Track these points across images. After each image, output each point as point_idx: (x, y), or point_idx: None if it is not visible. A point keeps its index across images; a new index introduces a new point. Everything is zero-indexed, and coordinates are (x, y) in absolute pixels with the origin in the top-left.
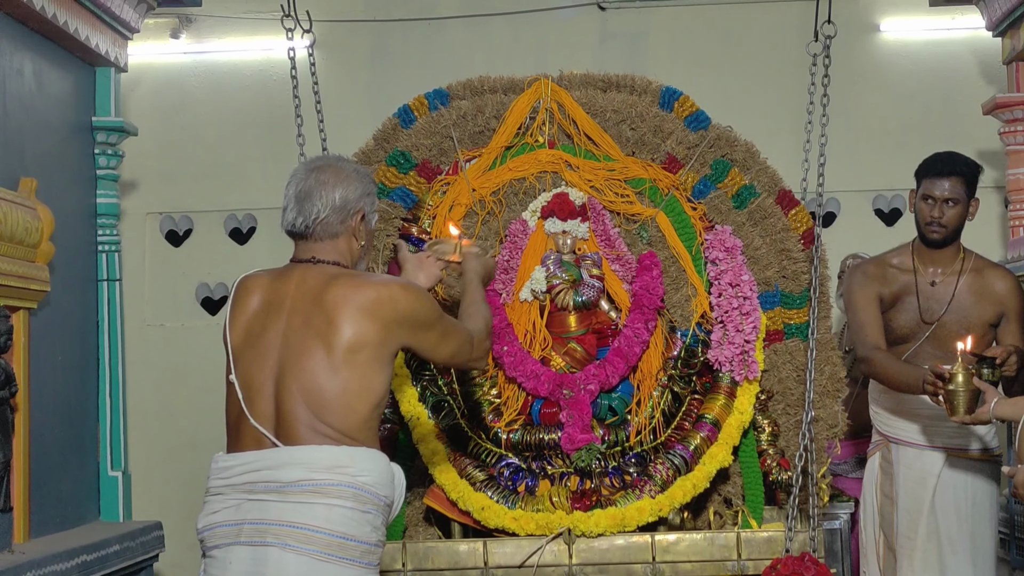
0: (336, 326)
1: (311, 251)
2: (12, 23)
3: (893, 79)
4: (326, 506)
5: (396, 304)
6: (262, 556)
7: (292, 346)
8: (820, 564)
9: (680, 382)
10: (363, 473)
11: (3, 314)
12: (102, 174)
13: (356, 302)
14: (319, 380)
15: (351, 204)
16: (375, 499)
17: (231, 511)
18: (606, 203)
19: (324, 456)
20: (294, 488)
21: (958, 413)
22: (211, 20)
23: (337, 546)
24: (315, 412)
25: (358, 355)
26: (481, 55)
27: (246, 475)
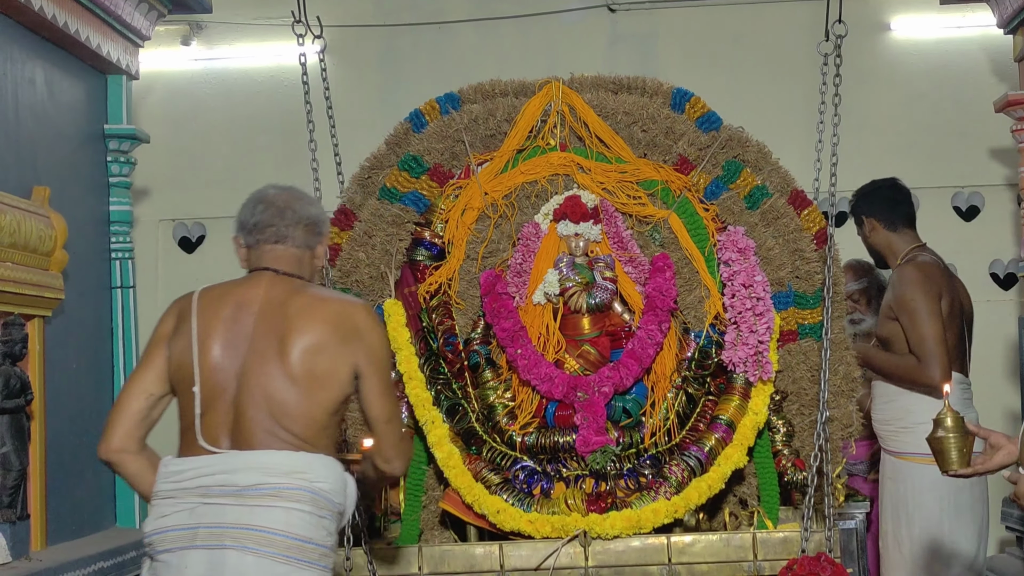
0: (299, 334)
1: (277, 261)
2: (23, 32)
3: (904, 78)
4: (285, 510)
5: (356, 320)
6: (220, 559)
7: (256, 352)
8: (836, 564)
9: (694, 383)
10: (320, 479)
11: (18, 322)
12: (115, 181)
13: (321, 313)
14: (280, 386)
15: (321, 225)
16: (330, 504)
17: (184, 515)
18: (618, 205)
19: (282, 461)
20: (252, 492)
21: (950, 465)
22: (222, 27)
23: (297, 549)
24: (275, 417)
25: (318, 364)
26: (491, 59)
27: (200, 479)
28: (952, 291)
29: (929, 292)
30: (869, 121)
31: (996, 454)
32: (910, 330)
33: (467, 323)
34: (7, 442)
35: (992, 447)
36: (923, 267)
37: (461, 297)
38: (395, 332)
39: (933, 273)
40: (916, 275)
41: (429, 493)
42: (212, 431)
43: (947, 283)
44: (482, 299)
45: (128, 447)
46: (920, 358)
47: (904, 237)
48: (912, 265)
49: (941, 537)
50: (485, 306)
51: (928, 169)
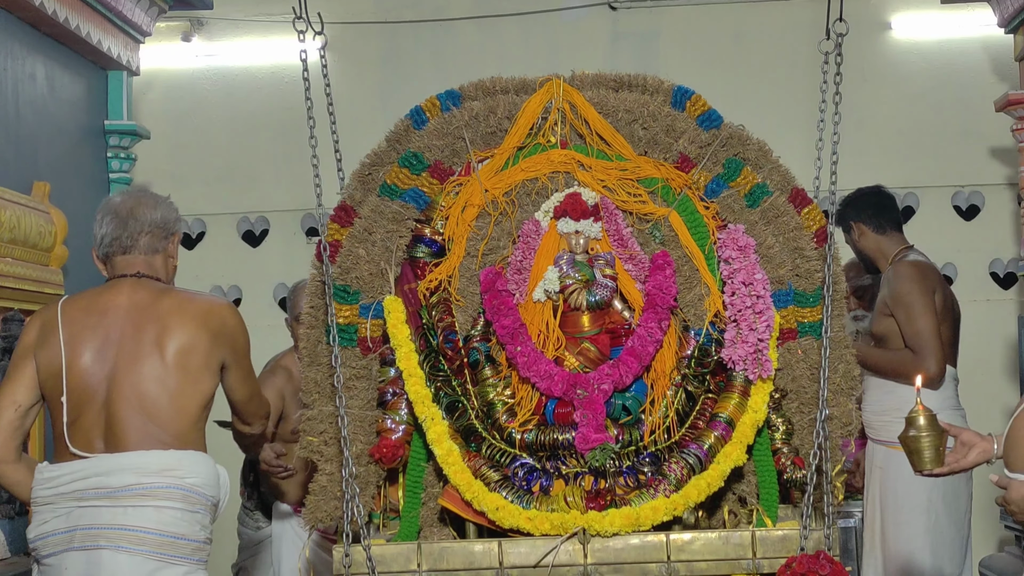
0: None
1: (134, 266)
2: (24, 27)
3: (905, 77)
4: (156, 508)
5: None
6: (96, 559)
7: (127, 354)
8: (835, 562)
9: (694, 381)
10: (190, 475)
11: (17, 318)
12: (115, 177)
13: (189, 312)
14: (153, 385)
15: (170, 225)
16: (202, 499)
17: (61, 519)
18: (619, 203)
19: (153, 461)
20: (125, 492)
21: (924, 464)
22: (222, 23)
23: (168, 545)
24: (148, 416)
25: (190, 360)
26: (492, 56)
27: (75, 483)
28: (944, 288)
29: (924, 287)
30: (870, 120)
31: (970, 452)
32: (906, 324)
33: (467, 320)
34: None
35: (964, 444)
36: (917, 264)
37: (461, 294)
38: (395, 329)
39: (927, 269)
40: (911, 271)
41: (428, 490)
42: (84, 436)
43: (939, 280)
44: (482, 296)
45: (4, 457)
46: (916, 351)
47: (892, 239)
48: (906, 262)
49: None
50: (485, 303)
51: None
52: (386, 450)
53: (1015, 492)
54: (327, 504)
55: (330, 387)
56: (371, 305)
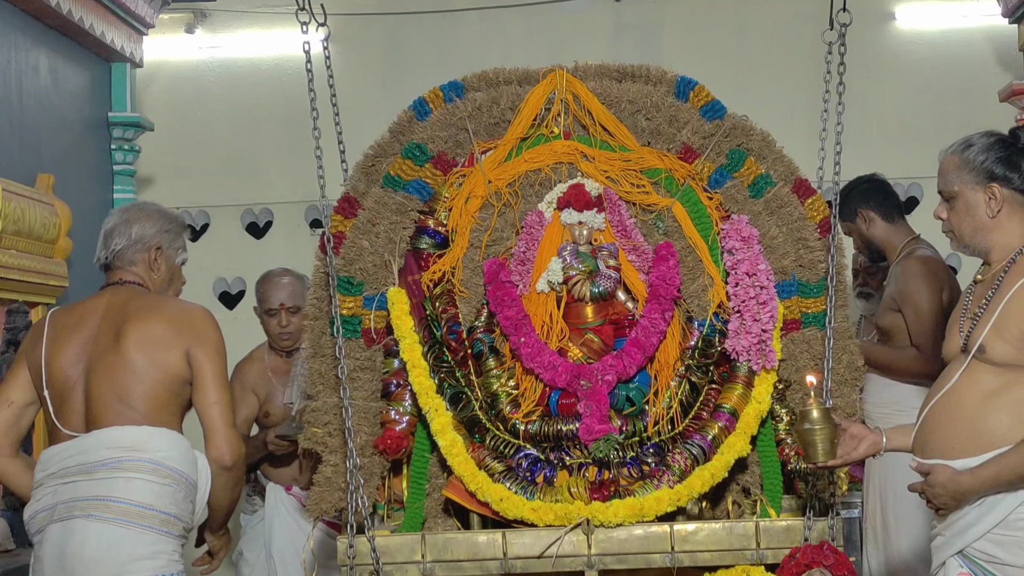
0: (135, 324)
1: (118, 275)
2: (28, 20)
3: (908, 67)
4: (125, 479)
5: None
6: (69, 529)
7: (99, 346)
8: (839, 553)
9: (697, 372)
10: (160, 449)
11: (22, 309)
12: (119, 169)
13: (158, 309)
14: (120, 370)
15: (147, 239)
16: (174, 474)
17: (49, 497)
18: (622, 193)
19: (125, 436)
20: (100, 467)
21: (818, 457)
22: (225, 15)
23: (136, 514)
24: (119, 397)
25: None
26: (496, 47)
27: (61, 463)
28: (953, 283)
29: (932, 286)
30: (873, 110)
31: (860, 444)
32: (913, 323)
33: (471, 311)
34: None
35: (853, 437)
36: (927, 261)
37: (465, 285)
38: (398, 320)
39: (936, 267)
40: (920, 268)
41: (432, 481)
42: (71, 419)
43: (947, 277)
44: (486, 287)
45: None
46: (921, 350)
47: (900, 229)
48: (915, 258)
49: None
50: (489, 294)
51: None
52: (390, 441)
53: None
54: (331, 495)
55: (334, 378)
56: (375, 296)
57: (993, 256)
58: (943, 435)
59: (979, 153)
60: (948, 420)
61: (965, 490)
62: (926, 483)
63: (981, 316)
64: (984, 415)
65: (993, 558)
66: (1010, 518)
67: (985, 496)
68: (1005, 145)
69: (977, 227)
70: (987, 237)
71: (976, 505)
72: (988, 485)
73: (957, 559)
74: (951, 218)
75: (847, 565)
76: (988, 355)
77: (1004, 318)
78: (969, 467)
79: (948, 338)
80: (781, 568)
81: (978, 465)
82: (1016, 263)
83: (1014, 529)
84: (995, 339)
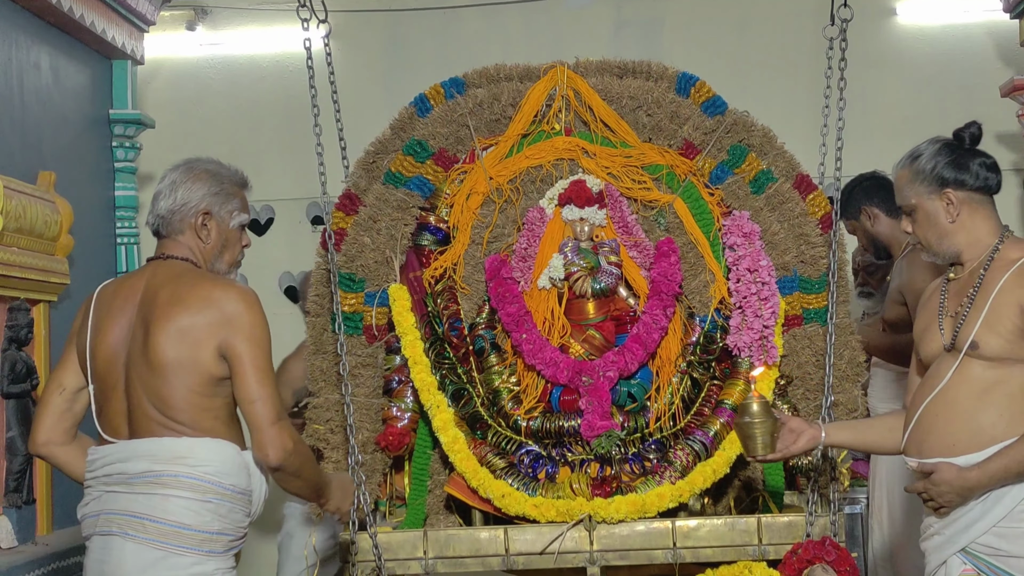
0: (161, 322)
1: (163, 248)
2: (29, 17)
3: (910, 63)
4: (162, 496)
5: (224, 305)
6: (108, 545)
7: (134, 343)
8: (841, 548)
9: (699, 368)
10: (203, 463)
11: (23, 307)
12: (120, 167)
13: (186, 300)
14: (150, 375)
15: (192, 203)
16: (217, 488)
17: (95, 503)
18: (623, 190)
19: (165, 447)
20: (139, 479)
21: (757, 450)
22: (226, 12)
23: (172, 534)
24: (156, 405)
25: (178, 352)
26: (497, 44)
27: (104, 468)
28: None
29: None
30: (874, 106)
31: (799, 438)
32: None
33: (472, 308)
34: (13, 427)
35: (792, 431)
36: None
37: (466, 282)
38: (400, 317)
39: None
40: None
41: (434, 477)
42: (111, 422)
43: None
44: (487, 284)
45: (53, 439)
46: None
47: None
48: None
49: None
50: (490, 291)
51: None
52: (392, 438)
53: (945, 474)
54: None
55: (336, 375)
56: (376, 293)
57: (964, 256)
58: (942, 434)
59: (927, 162)
60: (945, 419)
61: (973, 485)
62: (930, 482)
63: (968, 314)
64: (982, 410)
65: (997, 551)
66: (1016, 510)
67: (991, 490)
68: (952, 149)
69: (942, 234)
70: (953, 241)
71: (980, 500)
72: (997, 478)
73: (959, 556)
74: (916, 230)
75: (849, 561)
76: (981, 351)
77: (996, 313)
78: (972, 463)
79: (925, 339)
80: (783, 564)
81: (985, 459)
82: (995, 259)
83: (1019, 521)
84: (987, 334)
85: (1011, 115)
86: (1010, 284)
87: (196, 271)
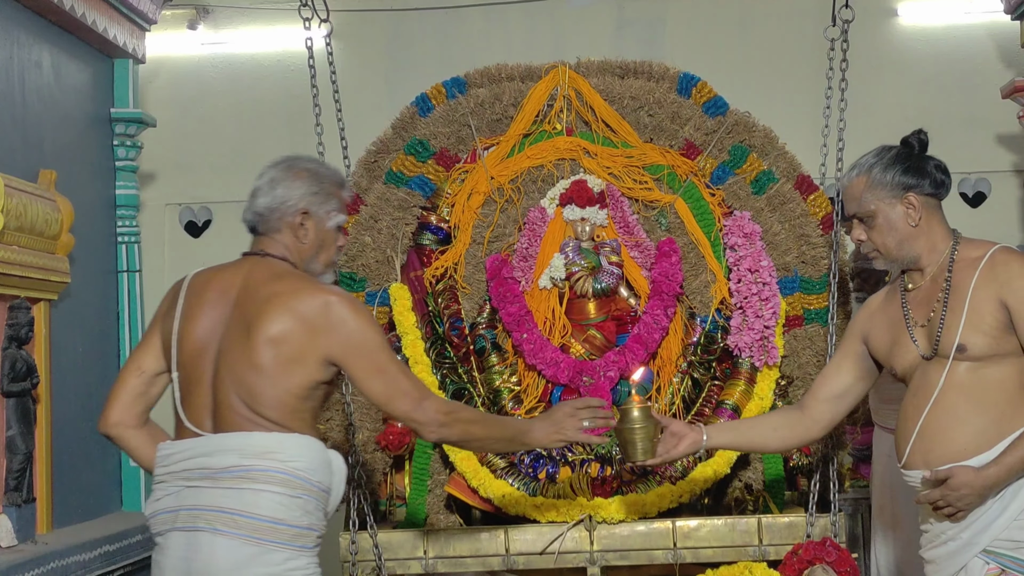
0: (265, 322)
1: (260, 244)
2: (30, 16)
3: (911, 64)
4: (254, 491)
5: (329, 311)
6: (195, 541)
7: (228, 336)
8: (841, 549)
9: (700, 368)
10: (293, 459)
11: (24, 306)
12: (121, 165)
13: (290, 303)
14: (245, 372)
15: (291, 202)
16: (306, 484)
17: (171, 498)
18: (624, 190)
19: (255, 442)
20: (226, 474)
21: (637, 456)
22: (228, 11)
23: (267, 530)
24: (246, 401)
25: (282, 352)
26: (498, 43)
27: (183, 462)
28: None
29: None
30: (875, 107)
31: (680, 442)
32: None
33: (473, 307)
34: (13, 425)
35: (674, 435)
36: None
37: (467, 281)
38: (401, 316)
39: None
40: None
41: (435, 477)
42: (196, 413)
43: None
44: (488, 283)
45: (125, 421)
46: None
47: None
48: None
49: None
50: (491, 290)
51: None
52: (392, 437)
53: (963, 477)
54: None
55: None
56: (377, 292)
57: (923, 261)
58: (948, 441)
59: (887, 169)
60: (949, 425)
61: (993, 483)
62: (947, 488)
63: (944, 319)
64: (983, 410)
65: (1019, 544)
66: None
67: (1007, 485)
68: (907, 155)
69: (902, 239)
70: (914, 245)
71: (998, 498)
72: (1016, 470)
73: (981, 557)
74: (873, 237)
75: (849, 561)
76: (970, 352)
77: (976, 312)
78: (986, 462)
79: (898, 353)
80: (783, 564)
81: (1000, 454)
82: (956, 260)
83: None
84: (972, 335)
85: (1012, 116)
86: (983, 281)
87: (296, 273)
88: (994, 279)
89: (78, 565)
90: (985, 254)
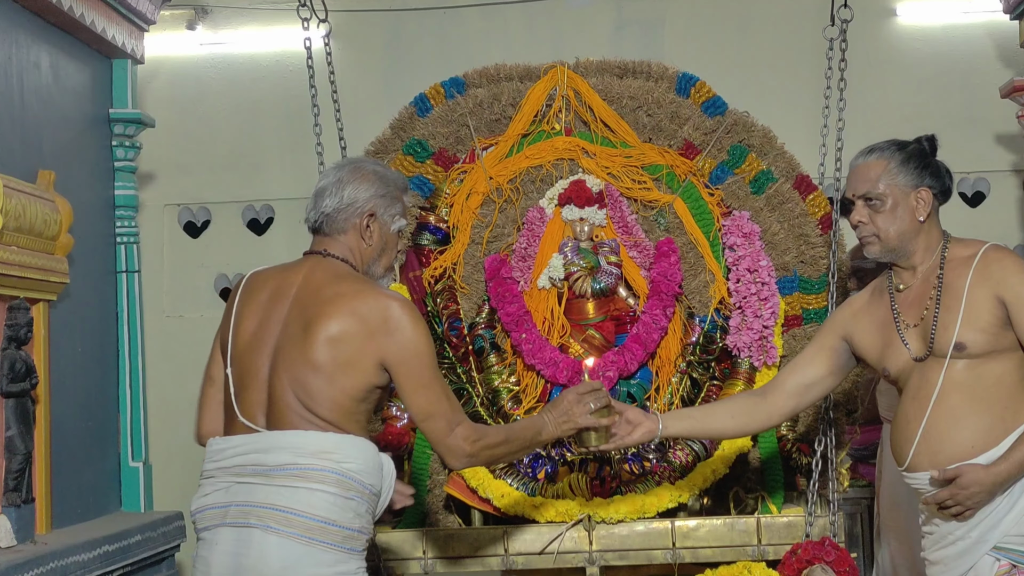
0: (325, 322)
1: (322, 244)
2: (29, 16)
3: (910, 63)
4: (308, 490)
5: (388, 314)
6: (246, 538)
7: (287, 335)
8: (840, 548)
9: (699, 368)
10: (348, 460)
11: (23, 306)
12: (120, 166)
13: (351, 304)
14: (303, 370)
15: (359, 203)
16: (359, 486)
17: (221, 494)
18: (623, 190)
19: (310, 441)
20: (279, 472)
21: (590, 442)
22: (227, 11)
23: (319, 530)
24: (302, 401)
25: (340, 353)
26: (497, 44)
27: (235, 458)
28: None
29: None
30: (874, 106)
31: (635, 430)
32: None
33: (472, 307)
34: (12, 426)
35: (629, 423)
36: None
37: (466, 281)
38: None
39: None
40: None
41: (434, 477)
42: (250, 409)
43: None
44: (487, 283)
45: (216, 431)
46: None
47: None
48: None
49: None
50: (490, 290)
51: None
52: (391, 437)
53: (972, 475)
54: None
55: None
56: None
57: (916, 259)
58: (954, 442)
59: (908, 159)
60: (953, 424)
61: (1004, 479)
62: (957, 487)
63: (938, 318)
64: (986, 408)
65: None
66: None
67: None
68: (924, 153)
69: (905, 230)
70: (914, 240)
71: (1007, 495)
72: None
73: (991, 555)
74: (876, 221)
75: (848, 561)
76: (969, 350)
77: (973, 310)
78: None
79: (890, 355)
80: (782, 564)
81: (1008, 449)
82: (947, 259)
83: None
84: (970, 332)
85: (1011, 116)
86: (978, 278)
87: (357, 275)
88: (989, 276)
89: (77, 565)
90: (977, 252)
